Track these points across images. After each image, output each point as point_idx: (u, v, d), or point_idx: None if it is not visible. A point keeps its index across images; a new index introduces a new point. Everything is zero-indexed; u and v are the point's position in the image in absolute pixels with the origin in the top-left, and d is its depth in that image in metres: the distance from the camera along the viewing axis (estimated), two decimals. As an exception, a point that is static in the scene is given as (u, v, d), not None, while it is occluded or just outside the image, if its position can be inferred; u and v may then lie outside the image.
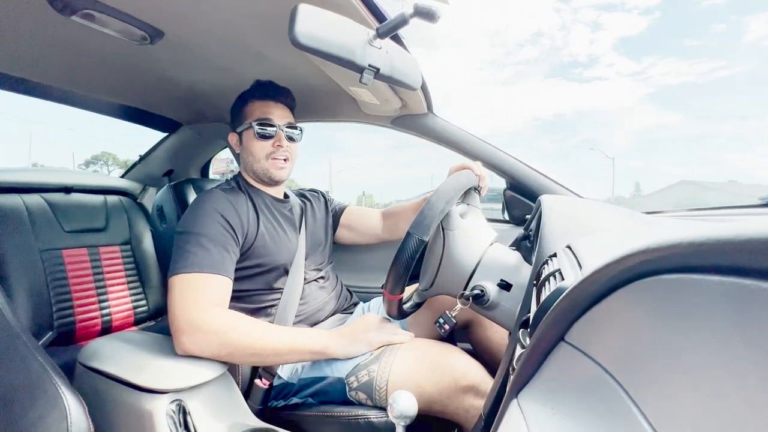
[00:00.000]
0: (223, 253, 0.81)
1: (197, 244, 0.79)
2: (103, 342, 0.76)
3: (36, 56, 0.88)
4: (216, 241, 0.81)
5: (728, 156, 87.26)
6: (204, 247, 0.79)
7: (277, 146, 0.95)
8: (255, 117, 0.95)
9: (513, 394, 0.33)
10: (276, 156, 0.96)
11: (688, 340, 0.18)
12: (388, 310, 0.77)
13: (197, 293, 0.75)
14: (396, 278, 0.70)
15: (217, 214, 0.84)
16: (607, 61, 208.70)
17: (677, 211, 1.04)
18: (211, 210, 0.84)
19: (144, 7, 0.70)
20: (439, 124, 1.18)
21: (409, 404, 0.59)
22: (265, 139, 0.95)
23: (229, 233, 0.84)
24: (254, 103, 0.96)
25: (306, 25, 0.54)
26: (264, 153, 0.95)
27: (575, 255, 0.43)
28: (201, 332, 0.72)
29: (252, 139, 0.95)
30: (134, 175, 1.58)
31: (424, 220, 0.68)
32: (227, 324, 0.74)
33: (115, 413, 0.68)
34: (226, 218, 0.85)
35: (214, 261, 0.79)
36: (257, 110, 0.96)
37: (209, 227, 0.82)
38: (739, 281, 0.15)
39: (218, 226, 0.83)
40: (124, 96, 1.19)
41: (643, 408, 0.20)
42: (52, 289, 1.10)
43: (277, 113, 0.96)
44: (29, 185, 1.19)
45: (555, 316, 0.29)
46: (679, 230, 0.18)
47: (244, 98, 0.98)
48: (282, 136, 0.96)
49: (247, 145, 0.97)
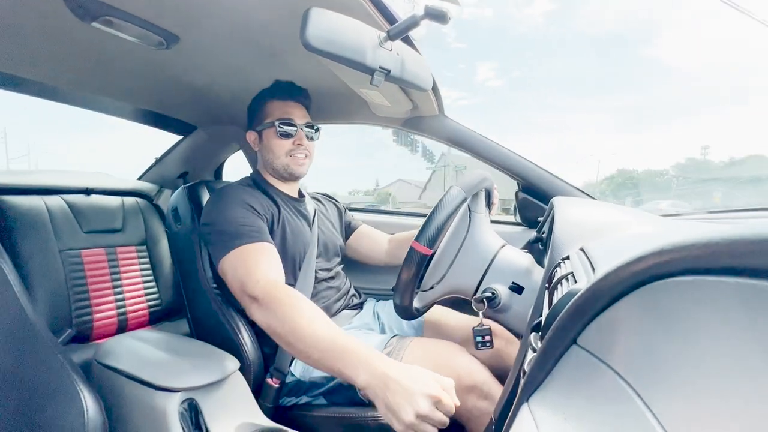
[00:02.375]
0: (258, 223, 0.85)
1: (231, 226, 0.82)
2: (119, 340, 0.78)
3: (57, 61, 0.91)
4: (247, 218, 0.85)
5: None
6: (240, 225, 0.83)
7: (297, 144, 0.99)
8: (276, 116, 0.98)
9: (524, 398, 0.33)
10: (296, 153, 0.99)
11: (703, 343, 0.18)
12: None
13: (246, 265, 0.77)
14: (435, 229, 0.68)
15: (241, 200, 0.88)
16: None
17: (694, 213, 1.01)
18: (234, 197, 0.88)
19: (160, 12, 0.72)
20: (450, 126, 1.18)
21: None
22: (286, 137, 0.98)
23: (256, 214, 0.87)
24: (274, 102, 0.99)
25: (318, 28, 0.54)
26: (284, 150, 0.98)
27: (588, 257, 0.43)
28: (259, 300, 0.71)
29: (273, 137, 0.98)
30: (150, 177, 1.61)
31: (471, 181, 0.74)
32: (282, 298, 0.68)
33: (129, 410, 0.69)
34: (250, 204, 0.88)
35: (254, 232, 0.82)
36: (278, 110, 0.98)
37: (237, 211, 0.85)
38: (756, 283, 0.15)
39: (245, 209, 0.86)
40: (140, 99, 1.22)
41: (658, 413, 0.19)
42: (71, 288, 1.13)
43: (297, 113, 1.00)
44: (51, 188, 1.23)
45: (567, 320, 0.29)
46: (694, 232, 0.18)
47: (263, 97, 1.01)
48: (302, 135, 0.99)
49: (267, 142, 0.99)
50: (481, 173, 0.79)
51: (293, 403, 0.86)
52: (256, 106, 1.02)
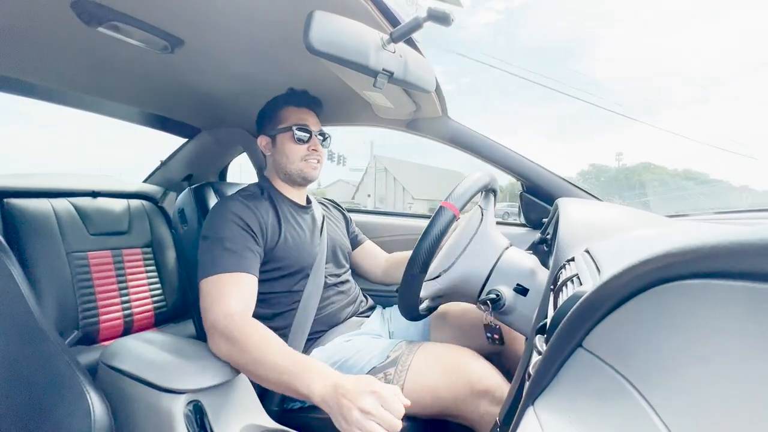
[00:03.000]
0: (245, 252, 0.83)
1: (218, 248, 0.82)
2: (125, 342, 0.78)
3: (64, 66, 0.92)
4: (236, 241, 0.83)
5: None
6: (224, 249, 0.82)
7: (312, 150, 1.00)
8: (293, 122, 0.99)
9: (529, 401, 0.33)
10: (310, 158, 1.00)
11: (711, 347, 0.17)
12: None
13: (215, 295, 0.77)
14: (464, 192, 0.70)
15: (236, 217, 0.87)
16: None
17: (701, 214, 1.01)
18: (230, 214, 0.87)
19: (166, 17, 0.72)
20: (454, 127, 1.17)
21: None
22: (302, 143, 0.99)
23: (249, 234, 0.86)
24: (290, 108, 1.01)
25: (321, 31, 0.54)
26: (299, 155, 1.00)
27: (594, 259, 0.42)
28: (217, 334, 0.73)
29: (289, 141, 0.99)
30: (155, 179, 1.62)
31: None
32: (241, 331, 0.71)
33: (135, 411, 0.70)
34: (246, 221, 0.87)
35: (234, 260, 0.81)
36: (293, 116, 1.00)
37: (228, 231, 0.84)
38: (763, 287, 0.14)
39: (238, 229, 0.85)
40: (145, 103, 1.23)
41: (664, 417, 0.19)
42: (78, 290, 1.14)
43: (311, 120, 1.02)
44: (58, 190, 1.24)
45: (572, 322, 0.28)
46: (702, 234, 0.17)
47: (278, 103, 1.02)
48: (317, 141, 1.01)
49: (282, 147, 1.00)
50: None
51: (299, 406, 0.86)
52: (270, 111, 1.03)
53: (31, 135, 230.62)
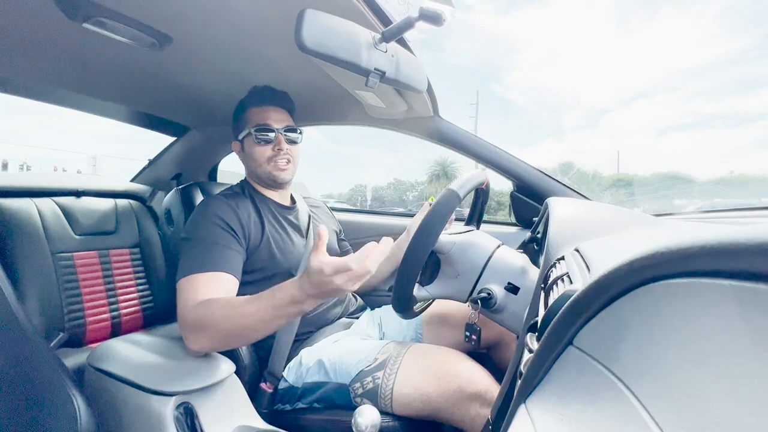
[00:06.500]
0: (224, 251, 0.82)
1: (195, 249, 0.81)
2: (112, 344, 0.77)
3: (48, 62, 0.90)
4: (215, 242, 0.82)
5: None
6: (202, 249, 0.80)
7: (277, 150, 0.96)
8: (253, 123, 0.96)
9: (521, 399, 0.33)
10: (277, 159, 0.97)
11: (699, 345, 0.18)
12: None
13: (189, 294, 0.75)
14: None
15: (217, 217, 0.85)
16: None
17: (688, 213, 1.02)
18: (211, 215, 0.86)
19: (153, 13, 0.71)
20: (446, 127, 1.18)
21: (372, 416, 0.63)
22: (264, 144, 0.96)
23: (229, 234, 0.85)
24: (252, 109, 0.98)
25: (312, 29, 0.54)
26: (265, 157, 0.97)
27: (583, 258, 0.43)
28: (189, 329, 0.71)
29: (252, 145, 0.97)
30: (143, 178, 1.60)
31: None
32: (205, 315, 0.69)
33: (123, 414, 0.68)
34: (226, 221, 0.86)
35: (210, 260, 0.79)
36: (255, 116, 0.97)
37: (209, 231, 0.83)
38: (753, 286, 0.15)
39: (218, 229, 0.84)
40: (133, 101, 1.21)
41: (654, 414, 0.20)
42: (63, 292, 1.11)
43: (274, 117, 0.97)
44: (41, 189, 1.21)
45: (563, 320, 0.29)
46: (691, 233, 0.18)
47: (242, 106, 1.00)
48: (281, 139, 0.96)
49: (248, 151, 0.98)
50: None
51: (290, 408, 0.85)
52: (237, 115, 1.01)
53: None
